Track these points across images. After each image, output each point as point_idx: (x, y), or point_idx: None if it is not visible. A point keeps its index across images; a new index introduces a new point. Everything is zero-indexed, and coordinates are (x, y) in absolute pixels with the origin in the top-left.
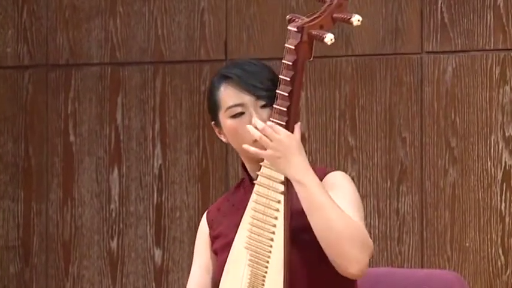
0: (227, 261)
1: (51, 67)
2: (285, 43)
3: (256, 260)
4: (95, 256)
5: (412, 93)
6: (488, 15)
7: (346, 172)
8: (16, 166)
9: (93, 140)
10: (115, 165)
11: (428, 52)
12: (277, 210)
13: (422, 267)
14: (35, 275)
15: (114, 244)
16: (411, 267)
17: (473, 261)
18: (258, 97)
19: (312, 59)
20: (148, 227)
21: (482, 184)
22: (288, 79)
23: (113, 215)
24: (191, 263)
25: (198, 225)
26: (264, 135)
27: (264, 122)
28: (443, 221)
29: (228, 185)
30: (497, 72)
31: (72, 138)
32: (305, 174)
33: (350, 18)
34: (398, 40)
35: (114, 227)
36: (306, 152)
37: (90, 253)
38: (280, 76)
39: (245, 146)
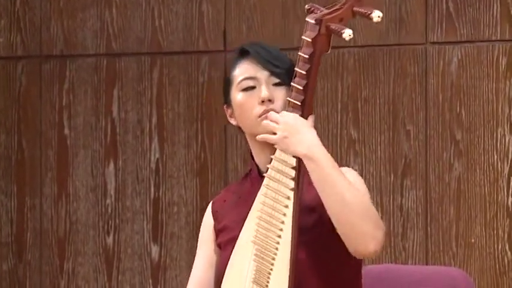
0: (232, 254)
1: (45, 58)
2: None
3: (262, 255)
4: (90, 252)
5: (417, 85)
6: (495, 4)
7: (349, 167)
8: (9, 160)
9: (89, 133)
10: (111, 159)
11: (433, 42)
12: (287, 206)
13: (426, 263)
14: (28, 271)
15: (110, 240)
16: (415, 263)
17: (479, 257)
18: (272, 73)
19: (329, 51)
20: (145, 223)
21: (488, 178)
22: (304, 72)
23: (109, 210)
24: (189, 259)
25: (196, 220)
26: (271, 121)
27: (272, 97)
28: (448, 216)
29: (227, 179)
30: (503, 63)
31: (66, 131)
32: (315, 149)
33: (370, 14)
34: (402, 30)
35: (110, 222)
36: None
37: (86, 249)
38: (295, 69)
39: (259, 137)
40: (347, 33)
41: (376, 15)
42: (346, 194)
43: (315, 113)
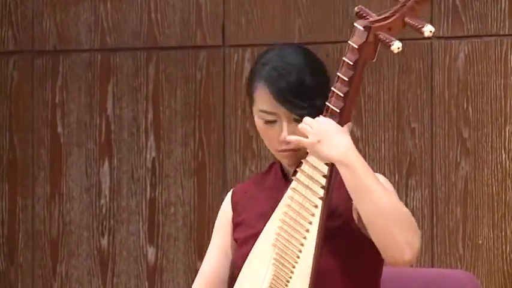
0: (251, 253)
1: (37, 53)
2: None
3: (283, 261)
4: (84, 254)
5: (422, 81)
6: None
7: None
8: (0, 159)
9: (82, 131)
10: (105, 157)
11: (438, 37)
12: (313, 215)
13: (432, 266)
14: (20, 274)
15: (104, 241)
16: (421, 266)
17: (487, 259)
18: (291, 111)
19: (374, 60)
20: (141, 224)
21: (496, 178)
22: (346, 79)
23: (103, 210)
24: (187, 261)
25: (194, 221)
26: (305, 124)
27: (294, 134)
28: (455, 217)
29: (225, 179)
30: None
31: (59, 129)
32: (350, 155)
33: (422, 28)
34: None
35: (104, 223)
36: None
37: (79, 251)
38: (338, 73)
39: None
40: (396, 46)
41: (428, 29)
42: (383, 201)
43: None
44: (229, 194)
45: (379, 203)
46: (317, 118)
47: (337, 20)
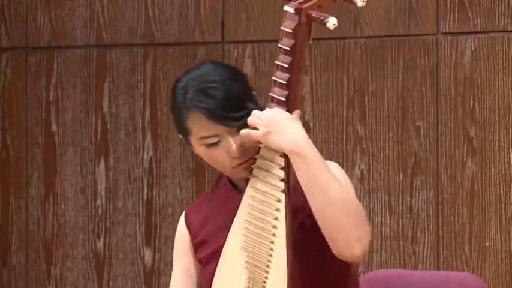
0: (218, 264)
1: (31, 49)
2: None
3: (255, 263)
4: (80, 257)
5: (427, 78)
6: None
7: (355, 165)
8: None
9: (78, 129)
10: (101, 157)
11: (444, 33)
12: (278, 210)
13: (438, 269)
14: (13, 277)
15: (100, 244)
16: (426, 269)
17: (494, 262)
18: (232, 126)
19: (310, 41)
20: (137, 225)
21: (504, 178)
22: (286, 65)
23: (99, 211)
24: None
25: None
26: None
27: (242, 145)
28: (461, 218)
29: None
30: None
31: (54, 127)
32: (302, 144)
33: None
34: (411, 20)
35: (100, 224)
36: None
37: (74, 253)
38: (276, 62)
39: (242, 132)
40: (331, 22)
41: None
42: (333, 192)
43: (319, 108)
44: (182, 216)
45: (328, 194)
46: (265, 110)
47: (341, 14)
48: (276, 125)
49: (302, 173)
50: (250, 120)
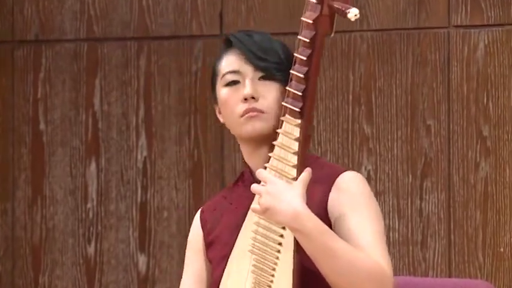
0: (227, 266)
1: (17, 43)
2: (301, 16)
3: (262, 266)
4: (69, 263)
5: (438, 74)
6: None
7: (361, 166)
8: None
9: (67, 128)
10: (92, 157)
11: (456, 26)
12: None
13: (449, 276)
14: None
15: (91, 249)
16: (437, 276)
17: (509, 269)
18: (257, 67)
19: (332, 34)
20: (131, 230)
21: None
22: (305, 58)
23: (90, 215)
24: (180, 271)
25: (189, 227)
26: (253, 192)
27: (257, 93)
28: (474, 222)
29: (223, 180)
30: None
31: (42, 126)
32: (301, 221)
33: None
34: (421, 12)
35: (91, 229)
36: (315, 142)
37: (64, 260)
38: (295, 54)
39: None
40: (353, 13)
41: None
42: (342, 264)
43: (323, 105)
44: (198, 214)
45: (337, 266)
46: (267, 178)
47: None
48: (274, 201)
49: (306, 246)
50: (253, 188)
